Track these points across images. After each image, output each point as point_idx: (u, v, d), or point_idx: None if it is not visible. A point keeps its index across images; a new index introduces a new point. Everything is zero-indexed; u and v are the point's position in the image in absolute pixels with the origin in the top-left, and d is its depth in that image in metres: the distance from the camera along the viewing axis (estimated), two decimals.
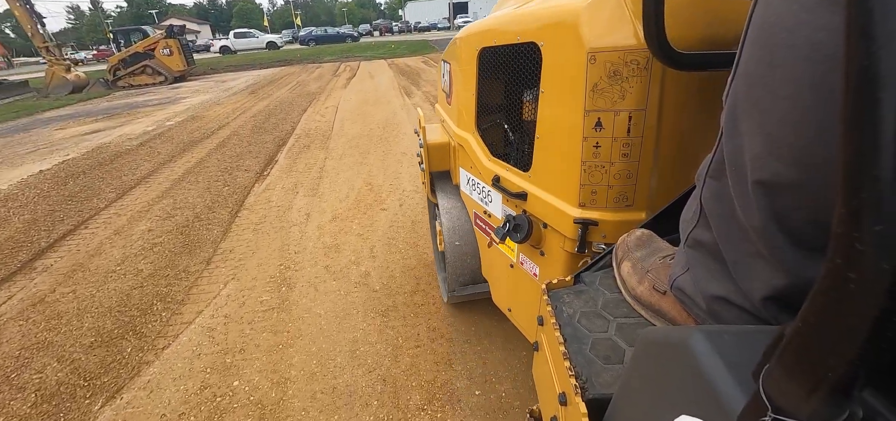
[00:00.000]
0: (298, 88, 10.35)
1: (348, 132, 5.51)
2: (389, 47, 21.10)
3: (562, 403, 0.61)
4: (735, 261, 0.49)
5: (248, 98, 9.39)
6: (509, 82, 1.17)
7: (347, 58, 18.23)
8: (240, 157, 4.72)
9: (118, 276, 2.56)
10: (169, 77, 13.90)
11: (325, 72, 13.97)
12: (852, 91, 0.21)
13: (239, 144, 5.30)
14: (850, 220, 0.22)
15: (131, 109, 9.05)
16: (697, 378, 0.35)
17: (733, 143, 0.45)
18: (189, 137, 5.90)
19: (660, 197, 0.89)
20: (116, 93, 12.76)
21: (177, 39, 14.17)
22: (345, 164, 4.21)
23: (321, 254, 2.61)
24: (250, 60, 21.02)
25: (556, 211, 0.96)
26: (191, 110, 8.25)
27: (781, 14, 0.37)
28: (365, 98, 7.94)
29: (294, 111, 7.31)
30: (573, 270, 0.91)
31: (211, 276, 2.50)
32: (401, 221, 2.94)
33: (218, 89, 11.42)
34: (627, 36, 0.77)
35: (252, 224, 3.10)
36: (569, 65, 0.85)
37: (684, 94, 0.81)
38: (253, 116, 7.07)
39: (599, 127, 0.83)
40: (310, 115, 6.88)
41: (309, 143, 5.13)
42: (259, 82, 12.42)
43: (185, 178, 4.20)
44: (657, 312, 0.64)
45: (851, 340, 0.22)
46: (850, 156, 0.21)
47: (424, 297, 2.12)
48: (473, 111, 1.31)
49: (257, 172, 4.20)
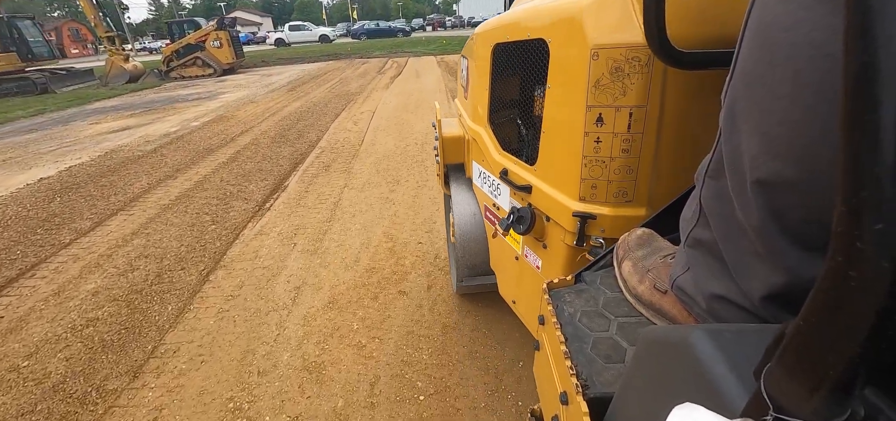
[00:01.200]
0: (338, 87, 9.66)
1: (380, 148, 4.57)
2: (440, 43, 20.14)
3: (563, 403, 0.61)
4: (734, 260, 0.48)
5: (284, 96, 8.80)
6: (520, 78, 1.17)
7: (396, 53, 17.49)
8: (246, 178, 3.92)
9: (5, 388, 1.74)
10: (217, 69, 13.81)
11: (370, 68, 13.28)
12: (852, 89, 0.21)
13: (252, 157, 4.53)
14: (850, 218, 0.22)
15: (170, 104, 8.76)
16: (699, 377, 0.34)
17: (732, 143, 0.45)
18: (205, 144, 5.24)
19: (660, 194, 0.87)
20: (167, 84, 12.85)
21: (227, 31, 14.02)
22: (366, 201, 3.26)
23: (295, 385, 1.64)
24: (300, 54, 20.87)
25: (557, 204, 0.96)
26: (223, 109, 7.74)
27: (779, 13, 0.37)
28: (406, 102, 7.00)
29: (326, 115, 6.52)
30: (573, 263, 0.96)
31: (125, 410, 1.60)
32: (426, 323, 1.91)
33: (259, 85, 11.01)
34: (630, 33, 0.77)
35: (221, 299, 2.21)
36: (573, 61, 0.85)
37: (686, 93, 0.80)
38: (281, 120, 6.35)
39: (600, 122, 0.83)
40: (342, 121, 6.04)
41: (330, 162, 4.25)
42: (302, 78, 11.93)
43: (175, 205, 3.44)
44: (658, 312, 0.63)
45: (852, 339, 0.22)
46: (850, 154, 0.21)
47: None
48: (486, 105, 1.30)
49: (258, 203, 3.35)
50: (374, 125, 5.63)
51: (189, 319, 2.07)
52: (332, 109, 6.94)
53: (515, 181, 1.12)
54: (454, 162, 1.68)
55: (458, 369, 1.66)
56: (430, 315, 1.96)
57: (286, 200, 3.39)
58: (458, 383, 1.60)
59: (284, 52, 24.47)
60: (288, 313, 2.05)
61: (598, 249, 0.89)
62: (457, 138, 1.63)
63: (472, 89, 1.49)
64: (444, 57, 14.26)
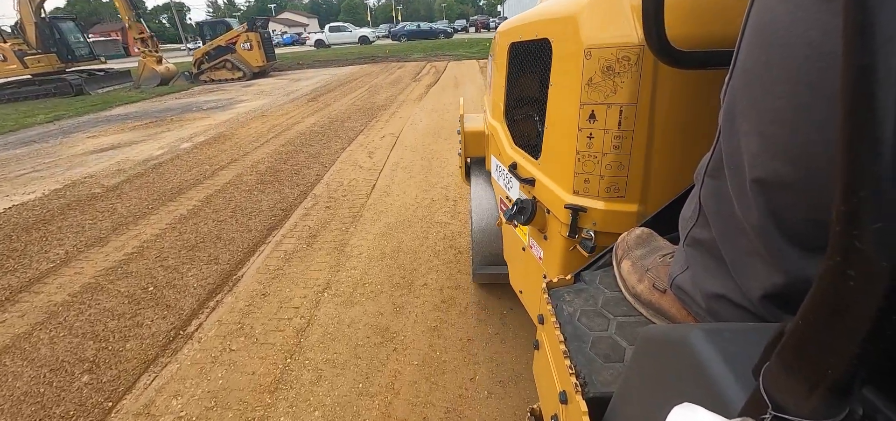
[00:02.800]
0: (366, 97, 8.43)
1: (395, 202, 3.20)
2: (484, 45, 18.66)
3: (562, 402, 0.61)
4: (733, 259, 0.48)
5: (301, 108, 7.66)
6: (530, 76, 1.18)
7: (436, 56, 16.22)
8: (190, 256, 2.65)
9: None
10: (247, 72, 13.10)
11: (405, 73, 12.04)
12: (851, 89, 0.21)
13: (221, 210, 3.29)
14: (848, 218, 0.22)
15: (182, 113, 7.89)
16: (697, 376, 0.34)
17: (731, 142, 0.45)
18: (178, 180, 4.08)
19: (653, 190, 0.87)
20: (196, 87, 12.26)
21: (258, 33, 13.28)
22: (352, 327, 1.86)
23: None
24: (338, 56, 20.06)
25: (554, 196, 0.98)
26: (228, 124, 6.67)
27: (778, 13, 0.37)
28: (439, 124, 5.58)
29: (339, 138, 5.24)
30: (568, 254, 0.97)
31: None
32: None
33: (282, 92, 10.03)
34: (620, 33, 0.78)
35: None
36: (570, 59, 0.87)
37: (677, 92, 0.80)
38: (283, 145, 5.13)
39: (593, 119, 0.85)
40: (354, 151, 4.72)
41: (320, 228, 2.91)
42: (329, 84, 10.86)
43: (65, 309, 2.22)
44: (657, 311, 0.63)
45: (851, 338, 0.22)
46: (848, 153, 0.21)
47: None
48: (503, 101, 1.35)
49: (174, 326, 2.05)
50: (394, 159, 4.27)
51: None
52: (348, 130, 5.66)
53: (521, 174, 1.16)
54: (475, 155, 1.83)
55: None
56: None
57: (222, 319, 2.06)
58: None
59: (323, 53, 23.88)
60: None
61: (588, 241, 0.90)
62: (478, 133, 1.77)
63: (491, 85, 1.58)
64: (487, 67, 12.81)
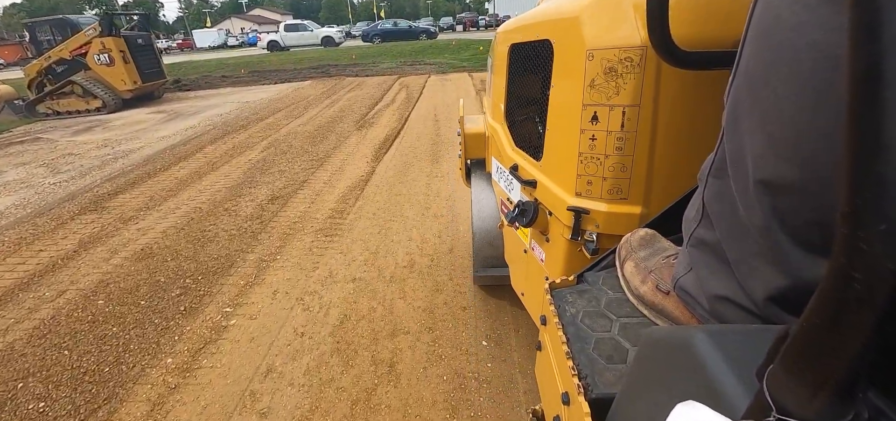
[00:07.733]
0: (252, 173, 4.87)
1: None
2: (475, 49, 15.19)
3: (565, 403, 0.61)
4: (737, 260, 0.48)
5: (71, 231, 4.18)
6: (531, 77, 1.18)
7: (415, 65, 12.65)
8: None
9: None
10: (108, 102, 8.48)
11: (364, 95, 8.48)
12: (856, 90, 0.21)
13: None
14: (854, 220, 0.21)
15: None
16: (701, 378, 0.34)
17: (735, 143, 0.44)
18: None
19: (656, 192, 0.87)
20: (32, 124, 8.06)
21: (122, 38, 8.43)
22: None
23: None
24: (282, 64, 15.74)
25: (557, 198, 0.97)
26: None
27: (782, 13, 0.36)
28: (409, 231, 2.23)
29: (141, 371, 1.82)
30: (571, 256, 0.97)
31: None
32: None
33: (119, 150, 6.18)
34: (624, 35, 0.77)
35: None
36: (572, 60, 0.87)
37: (680, 92, 0.79)
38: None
39: (595, 121, 0.84)
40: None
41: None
42: (227, 123, 6.85)
43: None
44: (660, 312, 0.63)
45: (856, 341, 0.22)
46: (853, 155, 0.21)
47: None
48: (503, 102, 1.35)
49: None
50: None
51: None
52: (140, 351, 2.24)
53: (523, 176, 1.15)
54: (475, 157, 1.83)
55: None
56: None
57: None
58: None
59: (270, 60, 18.82)
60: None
61: (591, 243, 0.89)
62: (478, 134, 1.78)
63: (492, 87, 1.58)
64: (483, 74, 9.31)
